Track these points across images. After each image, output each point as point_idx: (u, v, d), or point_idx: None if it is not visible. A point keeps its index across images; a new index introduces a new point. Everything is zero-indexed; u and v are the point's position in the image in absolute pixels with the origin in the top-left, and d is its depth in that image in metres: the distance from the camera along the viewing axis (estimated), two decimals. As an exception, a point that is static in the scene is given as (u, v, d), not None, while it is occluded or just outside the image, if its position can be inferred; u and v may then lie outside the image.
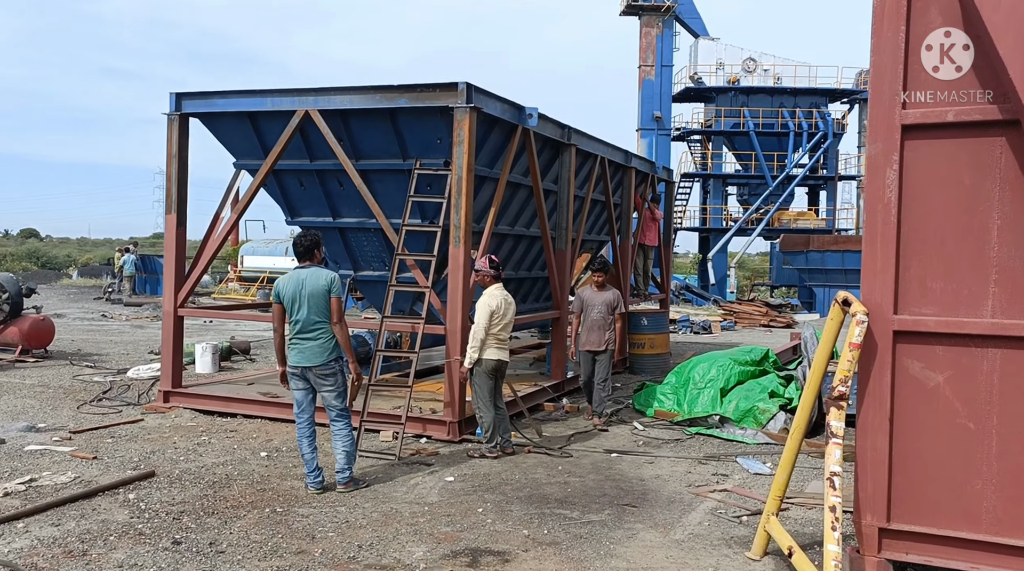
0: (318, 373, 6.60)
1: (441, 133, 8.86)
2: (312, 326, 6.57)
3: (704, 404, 9.53)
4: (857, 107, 46.99)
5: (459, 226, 8.51)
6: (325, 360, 6.60)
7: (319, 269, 6.74)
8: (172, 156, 9.69)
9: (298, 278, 6.65)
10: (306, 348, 6.59)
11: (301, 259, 6.78)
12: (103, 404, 9.97)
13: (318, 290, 6.58)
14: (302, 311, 6.57)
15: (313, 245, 6.79)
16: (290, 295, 6.62)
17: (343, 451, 6.69)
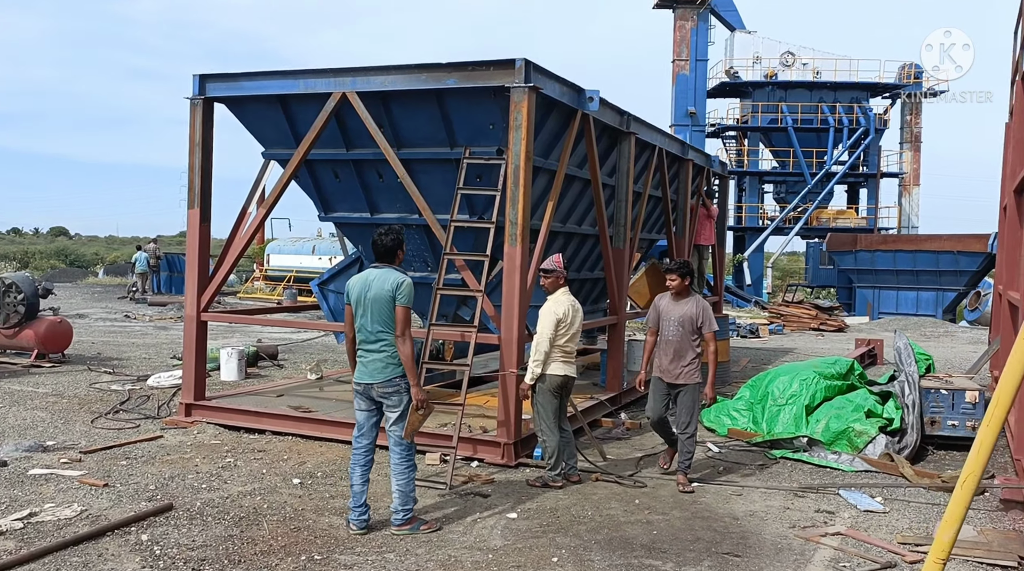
0: (380, 391, 5.71)
1: (494, 117, 7.88)
2: (375, 336, 5.69)
3: (786, 423, 8.48)
4: (899, 102, 45.52)
5: (516, 222, 7.53)
6: (388, 376, 5.68)
7: (390, 271, 5.80)
8: (196, 144, 8.78)
9: (366, 280, 5.78)
10: (368, 362, 5.71)
11: (380, 259, 5.87)
12: (120, 417, 9.09)
13: (382, 295, 5.67)
14: (365, 318, 5.72)
15: (397, 244, 5.88)
16: (355, 298, 5.79)
17: (396, 489, 5.76)
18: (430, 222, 7.95)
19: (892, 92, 44.18)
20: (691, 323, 7.01)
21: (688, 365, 7.00)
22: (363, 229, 9.38)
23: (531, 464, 7.49)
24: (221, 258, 9.12)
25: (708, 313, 7.05)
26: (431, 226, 7.97)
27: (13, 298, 12.55)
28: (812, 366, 9.07)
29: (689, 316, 7.02)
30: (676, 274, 7.22)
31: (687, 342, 7.02)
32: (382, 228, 5.93)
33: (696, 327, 7.01)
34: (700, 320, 7.00)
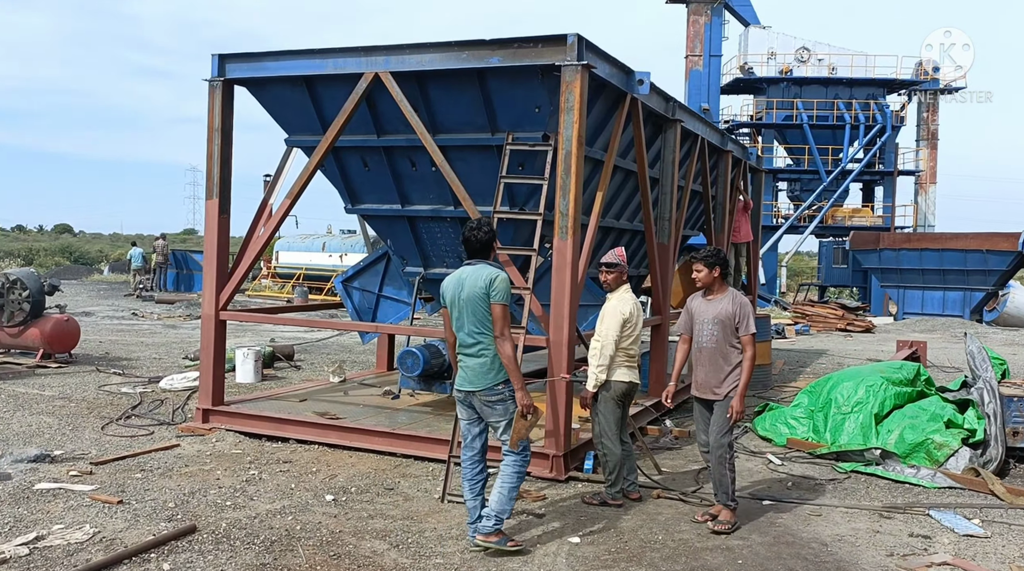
0: (483, 399, 5.16)
1: (540, 99, 7.24)
2: (473, 339, 5.16)
3: (852, 433, 7.82)
4: (916, 98, 44.85)
5: (567, 213, 6.88)
6: (490, 383, 5.13)
7: (483, 266, 5.25)
8: (214, 130, 8.14)
9: (459, 279, 5.27)
10: (468, 367, 5.19)
11: (473, 255, 5.32)
12: (132, 423, 8.46)
13: (476, 294, 5.14)
14: (461, 319, 5.21)
15: (491, 238, 5.33)
16: (451, 298, 5.27)
17: (498, 491, 5.21)
18: (472, 214, 7.30)
19: (909, 89, 43.52)
20: (730, 323, 5.81)
21: (730, 376, 5.78)
22: (392, 222, 8.74)
23: (582, 478, 6.86)
24: (241, 253, 8.48)
25: (746, 311, 5.84)
26: (472, 217, 7.30)
27: (17, 295, 11.94)
28: (877, 371, 8.41)
29: (726, 314, 5.82)
30: (702, 264, 5.96)
31: (727, 347, 5.82)
32: (473, 221, 5.36)
33: (732, 326, 5.81)
34: (738, 317, 5.79)
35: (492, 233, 5.33)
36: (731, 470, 5.81)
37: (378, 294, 9.48)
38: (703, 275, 5.96)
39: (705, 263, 5.96)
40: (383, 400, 9.04)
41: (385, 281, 9.48)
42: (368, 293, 9.54)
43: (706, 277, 5.95)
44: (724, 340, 5.82)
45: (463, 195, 7.30)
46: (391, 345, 11.10)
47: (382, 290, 9.49)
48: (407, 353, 8.24)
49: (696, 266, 6.02)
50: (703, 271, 5.96)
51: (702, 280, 5.98)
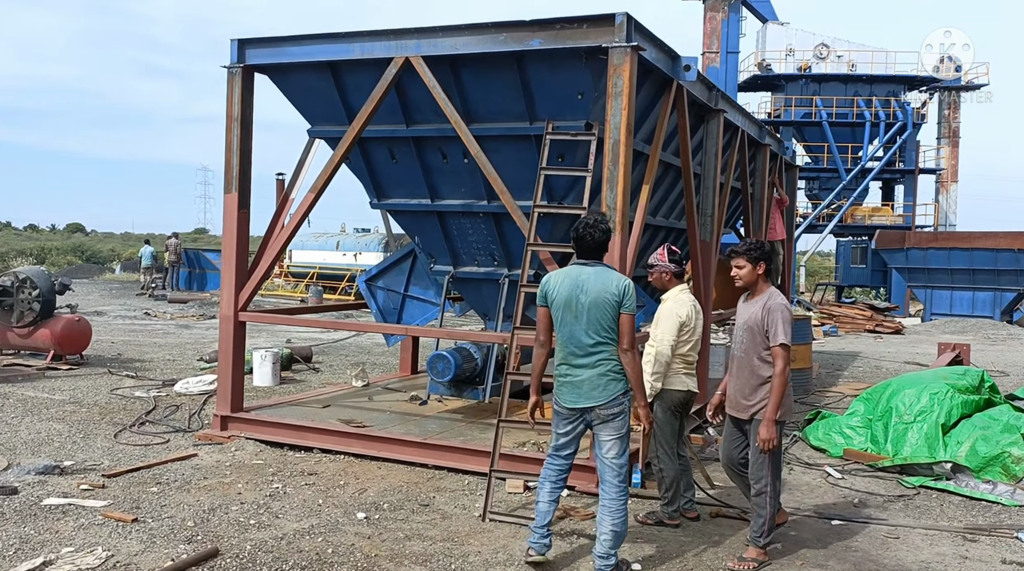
0: (603, 414, 4.67)
1: (584, 85, 6.73)
2: (592, 348, 4.67)
3: (916, 444, 7.29)
4: (937, 95, 44.19)
5: (614, 207, 6.38)
6: (612, 395, 4.66)
7: (606, 269, 4.81)
8: (233, 119, 7.67)
9: (577, 278, 4.76)
10: (583, 380, 4.67)
11: (588, 255, 4.84)
12: (146, 430, 8.00)
13: (604, 299, 4.67)
14: (577, 325, 4.70)
15: (608, 237, 4.87)
16: (563, 299, 4.75)
17: (611, 529, 4.68)
18: (511, 209, 6.80)
19: (930, 86, 42.87)
20: (759, 330, 5.02)
21: (758, 392, 5.02)
22: (420, 218, 8.24)
23: (631, 493, 6.34)
24: (261, 250, 8.00)
25: (777, 316, 4.95)
26: (512, 213, 6.82)
27: (27, 294, 11.51)
28: (940, 377, 7.87)
29: (755, 320, 5.02)
30: (744, 258, 5.10)
31: (755, 358, 5.04)
32: (588, 217, 4.86)
33: (762, 331, 5.00)
34: (765, 325, 4.97)
35: (609, 232, 4.86)
36: (771, 504, 5.02)
37: (404, 294, 9.00)
38: (745, 272, 5.12)
39: (748, 258, 5.10)
40: (410, 406, 8.55)
41: (411, 280, 8.99)
42: (393, 293, 9.05)
43: (748, 274, 5.11)
44: (753, 349, 5.07)
45: (501, 188, 6.80)
46: (415, 347, 10.62)
47: (408, 290, 9.01)
48: (438, 357, 7.75)
49: (737, 262, 5.15)
50: (745, 267, 5.11)
51: (744, 278, 5.13)
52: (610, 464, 4.68)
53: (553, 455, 4.87)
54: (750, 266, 5.13)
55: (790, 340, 4.95)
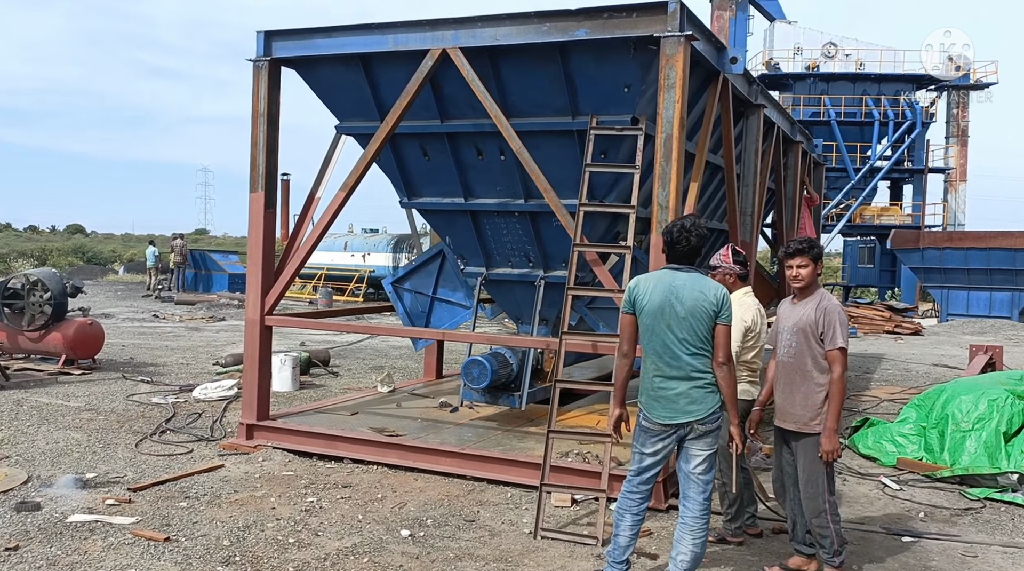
0: (700, 429, 4.34)
1: (631, 77, 6.42)
2: (688, 360, 4.33)
3: (975, 453, 6.97)
4: (946, 94, 43.94)
5: (666, 206, 6.06)
6: (710, 408, 4.34)
7: (700, 277, 4.44)
8: (259, 115, 7.35)
9: (670, 284, 4.41)
10: (679, 394, 4.33)
11: (680, 259, 4.49)
12: (167, 439, 7.67)
13: (701, 309, 4.32)
14: (669, 335, 4.36)
15: (703, 242, 4.50)
16: (655, 307, 4.39)
17: (691, 549, 4.36)
18: (555, 208, 6.48)
19: (939, 84, 42.63)
20: (813, 332, 4.59)
21: (811, 401, 4.62)
22: (453, 217, 7.92)
23: (683, 506, 6.02)
24: (287, 251, 7.68)
25: (834, 317, 4.56)
26: (556, 212, 6.49)
27: (39, 297, 11.18)
28: (997, 382, 7.55)
29: (808, 321, 4.61)
30: (806, 256, 4.68)
31: (808, 364, 4.62)
32: (681, 221, 4.51)
33: (816, 336, 4.58)
34: (821, 327, 4.57)
35: (705, 237, 4.51)
36: (834, 520, 4.61)
37: (432, 296, 8.67)
38: (807, 271, 4.69)
39: (811, 256, 4.70)
40: (441, 413, 8.23)
41: (440, 282, 8.66)
42: (421, 295, 8.72)
43: (810, 274, 4.70)
44: (805, 354, 4.64)
45: (544, 186, 6.48)
46: (440, 352, 10.30)
47: (436, 292, 8.68)
48: (473, 363, 7.43)
49: (798, 261, 4.69)
50: (808, 266, 4.69)
51: (806, 278, 4.70)
52: (696, 479, 4.36)
53: (634, 479, 4.49)
54: (812, 265, 4.74)
55: (848, 344, 4.62)
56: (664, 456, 4.44)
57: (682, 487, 4.42)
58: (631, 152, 6.94)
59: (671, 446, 4.40)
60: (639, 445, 4.47)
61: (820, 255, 4.82)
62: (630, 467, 4.55)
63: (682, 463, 4.42)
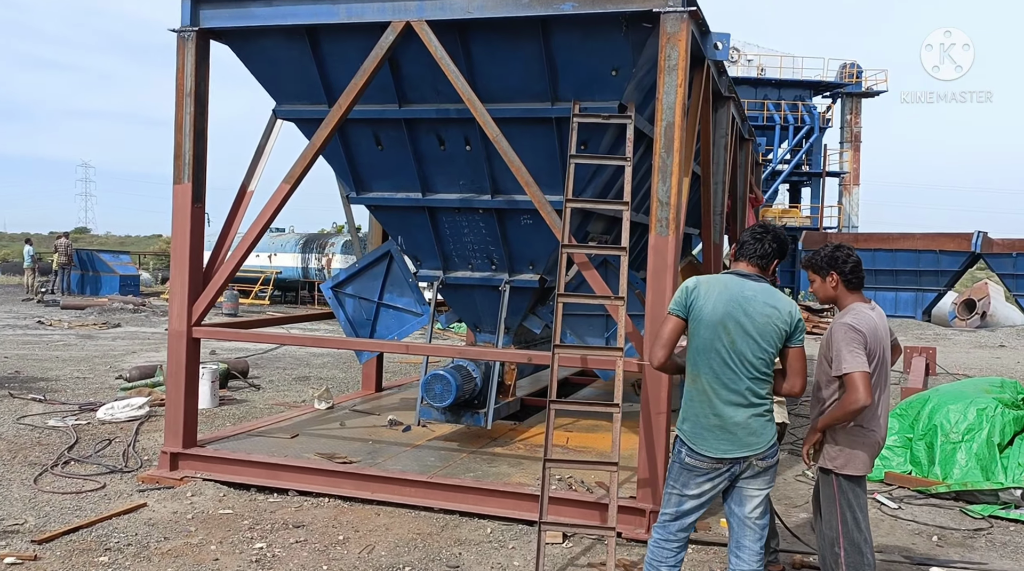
0: (758, 465, 3.68)
1: (621, 58, 5.75)
2: (746, 385, 3.64)
3: (966, 466, 6.62)
4: (840, 101, 45.48)
5: (667, 202, 5.43)
6: (771, 441, 3.68)
7: (770, 289, 3.74)
8: (185, 94, 6.34)
9: (738, 294, 3.70)
10: (737, 423, 3.63)
11: (752, 261, 3.80)
12: (72, 471, 6.56)
13: (773, 328, 3.64)
14: (731, 353, 3.62)
15: (783, 247, 3.83)
16: (717, 318, 3.64)
17: None
18: (539, 204, 5.74)
19: (833, 91, 44.13)
20: (824, 354, 3.97)
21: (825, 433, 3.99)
22: (407, 214, 7.07)
23: (686, 538, 5.39)
24: (216, 252, 6.66)
25: (839, 337, 3.83)
26: (540, 209, 5.75)
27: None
28: (981, 390, 7.25)
29: (823, 342, 4.00)
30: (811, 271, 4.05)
31: (820, 388, 4.03)
32: (758, 227, 3.84)
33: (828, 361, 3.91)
34: (829, 349, 3.91)
35: (785, 244, 3.84)
36: (849, 563, 3.92)
37: (378, 302, 7.80)
38: (815, 286, 4.07)
39: (813, 269, 4.04)
40: (392, 433, 7.38)
41: (387, 287, 7.80)
42: (365, 301, 7.84)
43: (820, 289, 4.05)
44: (819, 377, 4.04)
45: (526, 180, 5.73)
46: (380, 362, 9.41)
47: (382, 298, 7.81)
48: (436, 378, 6.63)
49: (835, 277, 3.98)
50: (814, 281, 4.06)
51: (817, 293, 4.08)
52: (753, 524, 3.71)
53: (671, 525, 3.80)
54: (819, 279, 4.05)
55: (862, 366, 3.72)
56: (710, 498, 3.77)
57: (735, 535, 3.77)
58: (614, 143, 6.31)
59: (721, 486, 3.73)
60: (679, 485, 3.78)
61: (826, 265, 4.01)
62: (664, 509, 3.87)
63: (734, 506, 3.76)
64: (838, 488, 3.94)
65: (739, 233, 10.72)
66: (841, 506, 3.92)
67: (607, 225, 7.87)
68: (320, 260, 25.64)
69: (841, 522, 3.93)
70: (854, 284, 3.99)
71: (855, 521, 3.92)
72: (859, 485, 3.96)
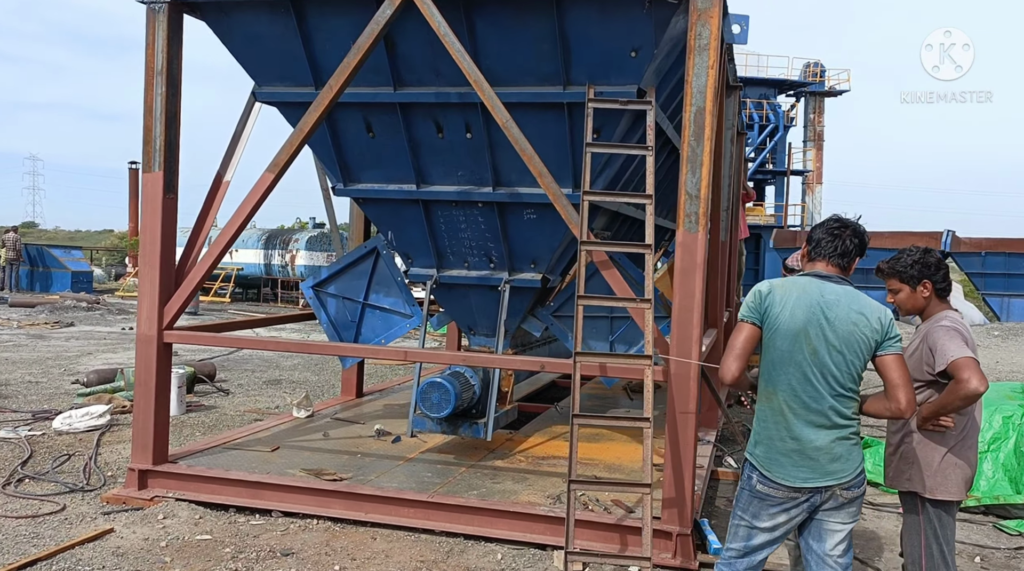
0: (843, 495, 3.20)
1: (641, 38, 5.26)
2: (829, 404, 3.18)
3: (992, 478, 6.27)
4: (803, 100, 45.74)
5: (696, 195, 4.96)
6: (858, 467, 3.21)
7: (859, 293, 3.26)
8: (156, 73, 5.70)
9: (818, 299, 3.24)
10: (820, 448, 3.17)
11: (831, 261, 3.33)
12: (27, 491, 5.89)
13: (860, 337, 3.16)
14: (812, 367, 3.16)
15: (863, 243, 3.36)
16: (797, 326, 3.18)
17: None
18: (553, 197, 5.22)
19: (797, 90, 44.36)
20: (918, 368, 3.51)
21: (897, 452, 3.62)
22: (400, 208, 6.52)
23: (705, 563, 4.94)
24: (189, 248, 6.04)
25: (938, 336, 3.47)
26: (555, 202, 5.23)
27: None
28: (1004, 396, 6.91)
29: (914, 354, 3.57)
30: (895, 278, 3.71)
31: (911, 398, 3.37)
32: (833, 221, 3.38)
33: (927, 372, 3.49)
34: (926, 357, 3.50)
35: (864, 243, 3.37)
36: None
37: (363, 303, 7.22)
38: (902, 297, 3.68)
39: (900, 277, 3.67)
40: (381, 444, 6.82)
41: (373, 286, 7.23)
42: (349, 301, 7.26)
43: (907, 300, 3.68)
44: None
45: (540, 170, 5.21)
46: (361, 367, 8.82)
47: (368, 298, 7.24)
48: (434, 386, 6.09)
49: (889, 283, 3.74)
50: (901, 290, 3.68)
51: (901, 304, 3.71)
52: (834, 563, 3.24)
53: (738, 562, 3.31)
54: (907, 289, 3.66)
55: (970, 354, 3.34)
56: (785, 532, 3.30)
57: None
58: (627, 132, 5.83)
59: (799, 518, 3.26)
60: (748, 516, 3.30)
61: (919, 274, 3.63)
62: (730, 544, 3.39)
63: (811, 541, 3.29)
64: (924, 515, 3.49)
65: (732, 229, 10.34)
66: (927, 536, 3.49)
67: (608, 221, 7.40)
68: (284, 256, 24.84)
69: (925, 555, 3.49)
70: (945, 292, 3.56)
71: (941, 555, 3.49)
72: (949, 513, 3.53)
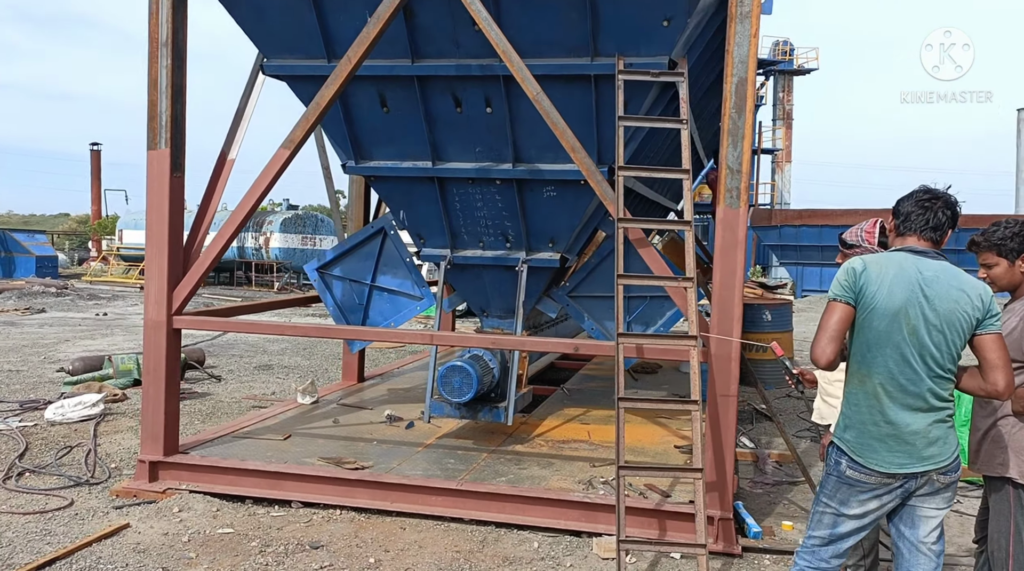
0: (940, 481, 3.05)
1: (674, 7, 5.07)
2: (927, 386, 3.01)
3: None
4: (772, 78, 45.86)
5: (737, 170, 4.81)
6: (954, 452, 3.07)
7: (956, 269, 3.06)
8: (161, 44, 5.40)
9: (916, 276, 3.00)
10: (916, 432, 3.02)
11: (924, 235, 3.12)
12: (30, 484, 5.62)
13: (961, 315, 2.99)
14: (910, 348, 2.98)
15: (957, 215, 3.14)
16: (896, 306, 2.98)
17: None
18: (587, 172, 5.03)
19: (766, 68, 44.39)
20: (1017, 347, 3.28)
21: (989, 435, 3.41)
22: (414, 186, 6.27)
23: (758, 546, 4.84)
24: (195, 229, 5.77)
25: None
26: (589, 178, 5.04)
27: None
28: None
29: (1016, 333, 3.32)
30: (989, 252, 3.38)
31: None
32: (922, 192, 3.14)
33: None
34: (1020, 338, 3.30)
35: (956, 210, 3.14)
36: None
37: (371, 285, 6.99)
38: (999, 271, 3.38)
39: (998, 251, 3.35)
40: (396, 431, 6.62)
41: (380, 268, 7.00)
42: (356, 284, 7.02)
43: (1003, 274, 3.38)
44: None
45: (572, 144, 5.01)
46: (363, 351, 8.60)
47: (375, 280, 7.01)
48: (454, 370, 5.90)
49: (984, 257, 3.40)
50: (998, 264, 3.38)
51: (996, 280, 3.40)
52: (928, 551, 3.11)
53: (823, 551, 3.14)
54: (1005, 263, 3.36)
55: None
56: (875, 519, 3.16)
57: (903, 562, 3.17)
58: (652, 105, 5.65)
59: (891, 505, 3.12)
60: (835, 503, 3.15)
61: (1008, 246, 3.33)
62: (812, 531, 3.24)
63: (903, 527, 3.16)
64: (1016, 500, 3.38)
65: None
66: (1018, 522, 3.37)
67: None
68: (258, 239, 24.37)
69: (1015, 540, 3.37)
70: None
71: None
72: None
